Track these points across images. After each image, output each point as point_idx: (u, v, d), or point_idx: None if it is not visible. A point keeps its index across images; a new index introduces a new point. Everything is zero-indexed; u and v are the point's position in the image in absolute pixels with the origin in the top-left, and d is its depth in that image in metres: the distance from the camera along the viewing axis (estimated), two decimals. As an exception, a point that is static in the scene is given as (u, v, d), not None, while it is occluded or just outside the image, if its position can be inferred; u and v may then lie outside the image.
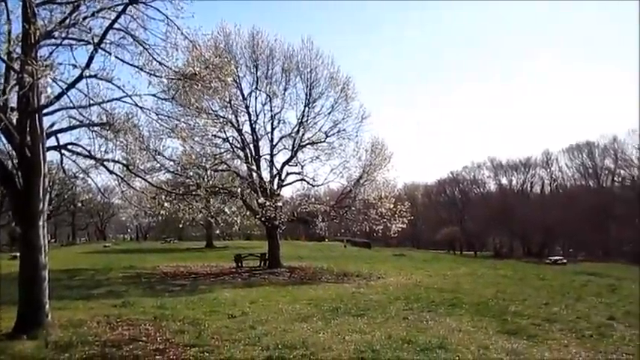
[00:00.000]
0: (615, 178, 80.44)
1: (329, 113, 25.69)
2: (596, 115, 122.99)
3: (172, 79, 9.89)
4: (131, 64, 9.48)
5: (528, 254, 74.79)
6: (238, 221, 19.87)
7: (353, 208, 24.86)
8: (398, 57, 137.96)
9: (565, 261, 57.00)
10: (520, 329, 9.51)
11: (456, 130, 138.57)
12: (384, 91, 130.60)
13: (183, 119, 16.14)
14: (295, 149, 25.43)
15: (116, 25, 9.21)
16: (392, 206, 23.97)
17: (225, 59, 11.49)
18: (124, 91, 9.75)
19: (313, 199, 25.79)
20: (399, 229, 24.88)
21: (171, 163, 20.96)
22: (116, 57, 9.29)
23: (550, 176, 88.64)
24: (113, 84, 9.64)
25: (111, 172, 11.77)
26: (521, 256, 73.66)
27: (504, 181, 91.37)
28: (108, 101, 10.40)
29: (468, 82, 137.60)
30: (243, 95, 25.16)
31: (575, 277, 22.65)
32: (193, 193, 21.91)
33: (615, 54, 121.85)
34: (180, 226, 25.30)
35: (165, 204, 13.77)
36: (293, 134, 25.28)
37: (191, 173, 22.08)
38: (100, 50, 9.18)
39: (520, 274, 22.72)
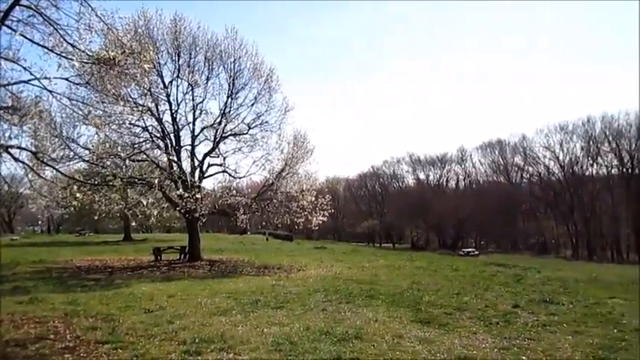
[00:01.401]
0: (524, 175, 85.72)
1: (252, 105, 25.47)
2: (507, 115, 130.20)
3: (86, 62, 9.38)
4: (40, 45, 8.91)
5: (443, 246, 78.04)
6: (155, 213, 19.27)
7: (275, 201, 24.82)
8: (312, 54, 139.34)
9: (477, 253, 60.08)
10: (433, 318, 9.92)
11: (376, 127, 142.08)
12: (304, 86, 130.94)
13: (99, 106, 15.41)
14: (217, 140, 25.00)
15: (24, 2, 8.61)
16: (313, 199, 24.17)
17: (145, 45, 11.08)
18: (31, 74, 9.16)
19: (235, 192, 25.51)
20: (320, 222, 25.16)
21: (86, 151, 20.03)
22: (22, 35, 8.69)
23: (464, 172, 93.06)
24: (19, 64, 9.03)
25: (17, 160, 11.01)
26: (436, 248, 76.80)
27: (422, 175, 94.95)
28: (13, 83, 9.74)
29: (386, 80, 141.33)
30: (164, 83, 24.40)
31: (485, 267, 23.86)
32: (109, 183, 21.04)
33: (527, 54, 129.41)
34: (96, 218, 24.14)
35: (78, 195, 13.09)
36: (215, 125, 24.82)
37: (108, 163, 21.16)
38: (4, 28, 8.55)
39: (435, 266, 23.65)
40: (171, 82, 24.52)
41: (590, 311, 10.80)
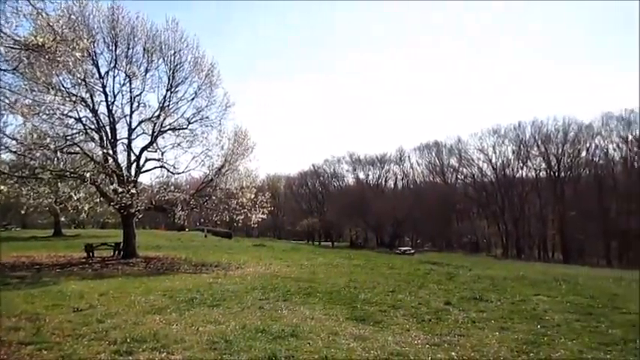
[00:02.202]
0: (459, 176, 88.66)
1: (192, 99, 24.97)
2: (444, 117, 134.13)
3: (12, 48, 8.90)
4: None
5: (381, 245, 79.49)
6: (87, 208, 18.59)
7: (214, 198, 24.47)
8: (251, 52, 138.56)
9: (413, 251, 61.53)
10: (368, 315, 10.08)
11: (318, 126, 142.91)
12: (241, 85, 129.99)
13: (27, 94, 14.68)
14: (155, 134, 24.36)
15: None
16: (253, 196, 24.01)
17: (79, 32, 10.64)
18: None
19: (173, 187, 24.96)
20: (260, 220, 25.03)
21: (14, 142, 19.05)
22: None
23: (403, 172, 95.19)
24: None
25: None
26: (374, 246, 78.17)
27: (362, 175, 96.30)
28: None
29: (328, 79, 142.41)
30: (99, 73, 23.51)
31: (420, 266, 24.47)
32: (38, 176, 20.10)
33: (464, 57, 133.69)
34: (24, 212, 22.98)
35: (2, 187, 12.42)
36: (153, 119, 24.16)
37: (37, 154, 20.19)
38: None
39: (372, 264, 24.04)
40: (107, 72, 23.69)
41: (516, 308, 11.29)
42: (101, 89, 23.50)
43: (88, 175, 20.44)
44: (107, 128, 23.63)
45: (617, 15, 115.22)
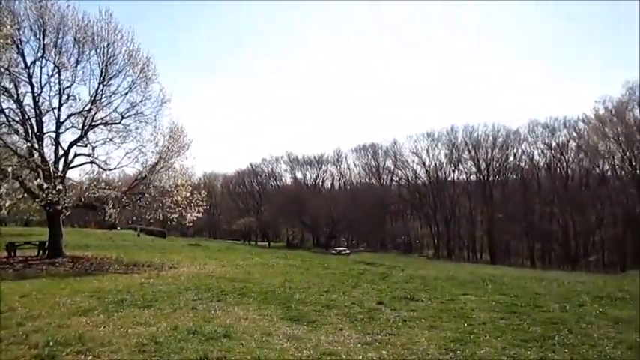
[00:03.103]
0: (394, 178, 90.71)
1: (126, 93, 24.13)
2: (381, 120, 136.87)
3: None
4: None
5: (317, 245, 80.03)
6: (8, 204, 17.61)
7: (147, 195, 23.80)
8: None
9: (348, 251, 62.40)
10: (302, 315, 10.12)
11: (256, 125, 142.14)
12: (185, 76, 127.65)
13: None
14: (86, 129, 23.37)
15: None
16: (188, 195, 23.53)
17: (2, 18, 10.07)
18: None
19: (104, 184, 24.03)
20: (195, 219, 24.57)
21: None
22: None
23: (340, 173, 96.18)
24: None
25: None
26: (310, 246, 78.61)
27: (299, 175, 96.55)
28: None
29: (265, 79, 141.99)
30: (25, 63, 22.32)
31: (354, 266, 24.81)
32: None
33: (398, 63, 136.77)
34: None
35: None
36: (84, 112, 23.17)
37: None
38: None
39: (307, 264, 24.15)
40: (34, 62, 22.51)
41: (445, 307, 11.65)
42: (27, 79, 22.31)
43: (10, 169, 19.35)
44: (33, 121, 22.44)
45: (544, 29, 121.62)
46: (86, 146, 23.74)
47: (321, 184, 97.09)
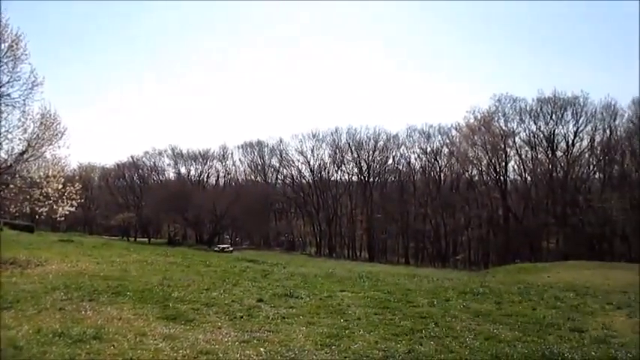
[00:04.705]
0: (279, 176, 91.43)
1: (-11, 73, 21.93)
2: (267, 117, 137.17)
3: None
4: None
5: (200, 242, 78.41)
6: None
7: (12, 187, 21.79)
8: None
9: (231, 249, 61.84)
10: (180, 314, 9.90)
11: (138, 116, 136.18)
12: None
13: None
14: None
15: None
16: (61, 187, 21.89)
17: None
18: None
19: (-42, 173, 21.66)
20: (67, 213, 22.94)
21: None
22: None
23: (225, 169, 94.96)
24: None
25: None
26: (193, 243, 76.75)
27: (183, 170, 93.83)
28: None
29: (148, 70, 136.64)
30: None
31: (236, 263, 24.62)
32: None
33: (286, 62, 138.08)
34: None
35: None
36: None
37: None
38: None
39: (188, 261, 23.56)
40: None
41: (323, 303, 11.98)
42: None
43: None
44: None
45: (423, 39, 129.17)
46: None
47: (205, 179, 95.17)
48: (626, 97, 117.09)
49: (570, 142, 65.98)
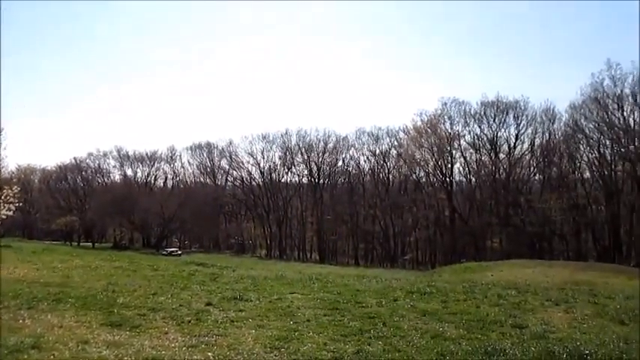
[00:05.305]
0: (229, 178, 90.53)
1: None
2: (217, 119, 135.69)
3: None
4: None
5: (148, 246, 76.54)
6: None
7: (-57, 190, 20.76)
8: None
9: (180, 252, 60.78)
10: (125, 320, 9.64)
11: (82, 116, 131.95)
12: None
13: None
14: None
15: None
16: (-4, 190, 21.04)
17: None
18: None
19: None
20: (5, 217, 22.04)
21: None
22: None
23: (173, 171, 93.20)
24: None
25: None
26: (140, 247, 74.91)
27: (130, 172, 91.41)
28: None
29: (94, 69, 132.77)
30: None
31: (185, 267, 24.23)
32: None
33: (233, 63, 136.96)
34: None
35: None
36: None
37: None
38: None
39: (135, 266, 22.98)
40: None
41: (273, 306, 11.93)
42: None
43: None
44: None
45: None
46: None
47: (153, 182, 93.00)
48: (563, 101, 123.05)
49: (512, 144, 68.67)
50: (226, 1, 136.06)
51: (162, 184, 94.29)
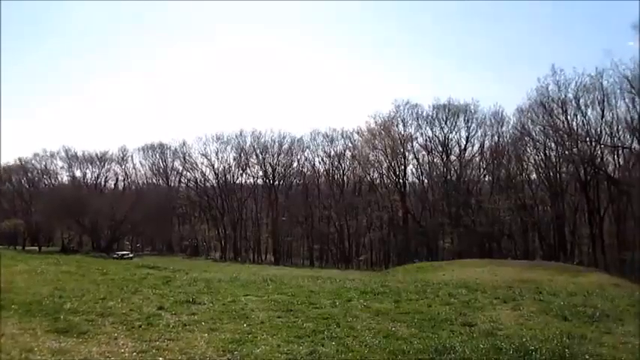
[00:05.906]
0: (182, 179, 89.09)
1: None
2: (170, 119, 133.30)
3: None
4: None
5: (97, 249, 74.36)
6: None
7: None
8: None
9: (131, 256, 59.41)
10: (72, 326, 9.35)
11: (28, 115, 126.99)
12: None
13: None
14: None
15: None
16: None
17: None
18: None
19: None
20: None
21: None
22: None
23: (124, 172, 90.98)
24: None
25: None
26: (90, 251, 72.67)
27: (78, 173, 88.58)
28: None
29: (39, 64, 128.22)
30: None
31: (137, 270, 23.70)
32: None
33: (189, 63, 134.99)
34: None
35: None
36: None
37: None
38: None
39: (83, 270, 22.31)
40: None
41: (226, 308, 11.81)
42: None
43: None
44: None
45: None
46: None
47: (103, 183, 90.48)
48: (511, 105, 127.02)
49: (463, 146, 70.61)
50: (174, 1, 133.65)
51: (113, 186, 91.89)
